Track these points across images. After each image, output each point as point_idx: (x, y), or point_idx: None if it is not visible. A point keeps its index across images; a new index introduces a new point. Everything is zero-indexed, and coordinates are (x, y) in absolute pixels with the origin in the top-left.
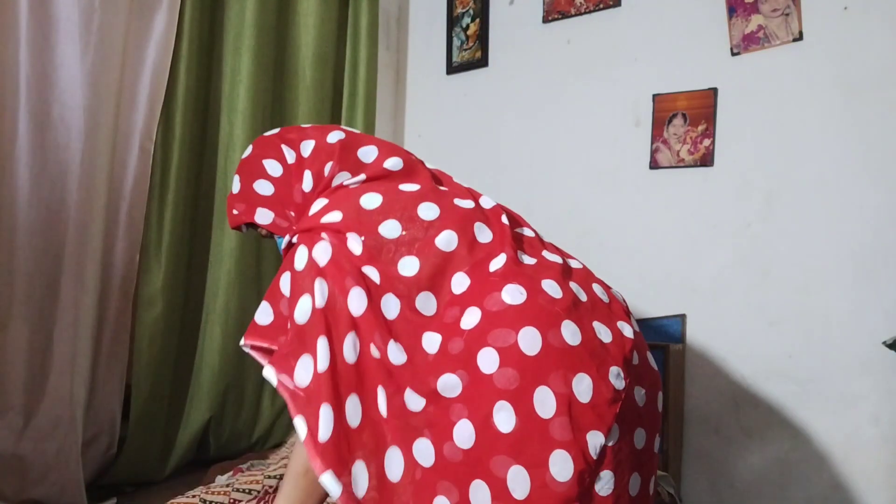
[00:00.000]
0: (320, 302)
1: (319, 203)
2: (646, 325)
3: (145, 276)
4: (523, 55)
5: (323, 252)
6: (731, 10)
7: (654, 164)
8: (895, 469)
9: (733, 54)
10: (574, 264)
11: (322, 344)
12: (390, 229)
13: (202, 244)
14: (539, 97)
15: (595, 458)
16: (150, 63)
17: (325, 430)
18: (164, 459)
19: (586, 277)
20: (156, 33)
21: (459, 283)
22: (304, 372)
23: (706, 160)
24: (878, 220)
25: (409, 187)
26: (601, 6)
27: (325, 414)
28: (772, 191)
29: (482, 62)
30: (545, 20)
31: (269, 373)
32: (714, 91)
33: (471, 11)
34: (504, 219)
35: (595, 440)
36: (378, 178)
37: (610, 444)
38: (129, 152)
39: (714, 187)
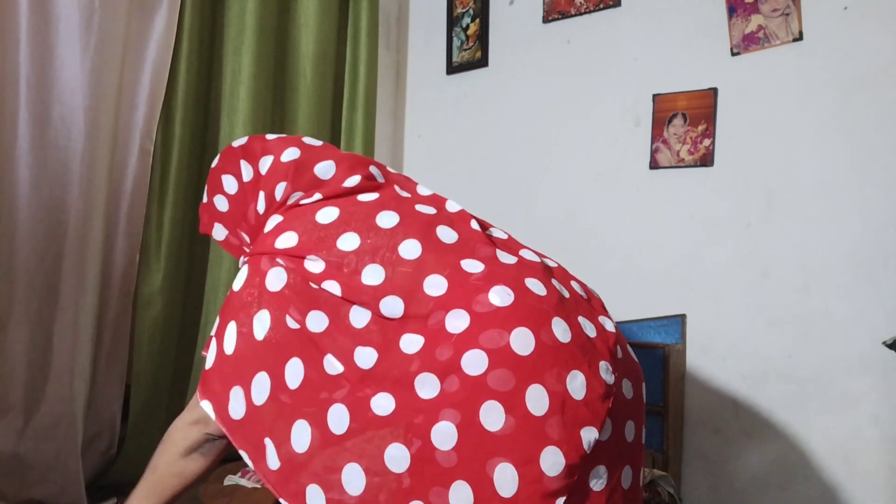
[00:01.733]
0: (260, 333)
1: (273, 221)
2: (646, 325)
3: (145, 275)
4: (523, 55)
5: (276, 278)
6: (731, 10)
7: (654, 164)
8: (895, 469)
9: (733, 54)
10: (550, 263)
11: (259, 379)
12: (349, 242)
13: (202, 244)
14: (539, 97)
15: (588, 452)
16: (150, 63)
17: (272, 462)
18: None
19: (564, 275)
20: (156, 33)
21: (436, 285)
22: (238, 404)
23: (706, 160)
24: (878, 220)
25: (367, 197)
26: (601, 6)
27: (270, 448)
28: (772, 191)
29: (482, 62)
30: (545, 20)
31: (207, 407)
32: (714, 91)
33: (471, 11)
34: (473, 223)
35: (589, 436)
36: (336, 196)
37: (603, 438)
38: (129, 152)
39: (714, 187)
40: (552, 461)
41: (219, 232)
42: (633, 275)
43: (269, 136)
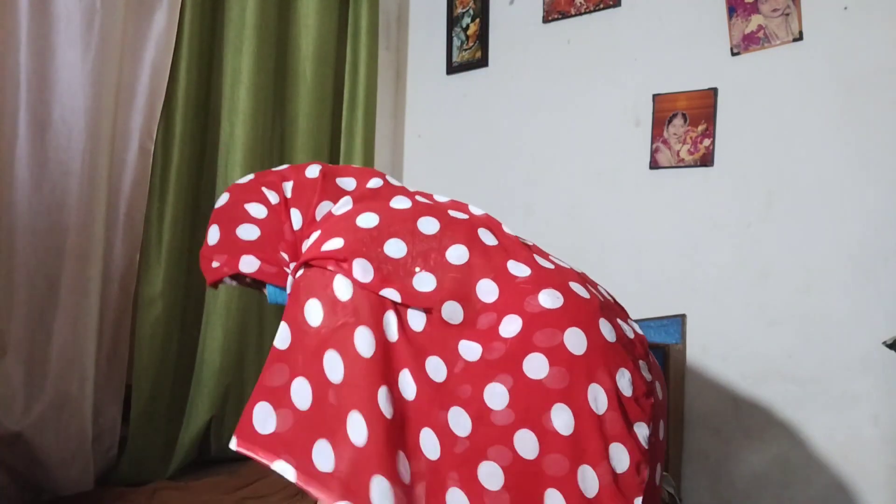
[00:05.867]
0: (367, 351)
1: (313, 236)
2: (646, 325)
3: (145, 275)
4: (523, 55)
5: (344, 287)
6: (731, 10)
7: (654, 164)
8: (895, 469)
9: (733, 54)
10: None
11: (382, 395)
12: (396, 249)
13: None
14: (539, 97)
15: (647, 448)
16: (150, 63)
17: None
18: (165, 460)
19: (591, 281)
20: (156, 33)
21: (488, 290)
22: (325, 458)
23: (706, 160)
24: (878, 220)
25: (401, 204)
26: (601, 6)
27: (379, 486)
28: (772, 191)
29: (482, 62)
30: (545, 20)
31: (285, 469)
32: (714, 91)
33: (471, 11)
34: (505, 227)
35: (642, 432)
36: (364, 198)
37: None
38: (128, 152)
39: (714, 187)
40: (618, 459)
41: (248, 264)
42: (633, 275)
43: (278, 168)
